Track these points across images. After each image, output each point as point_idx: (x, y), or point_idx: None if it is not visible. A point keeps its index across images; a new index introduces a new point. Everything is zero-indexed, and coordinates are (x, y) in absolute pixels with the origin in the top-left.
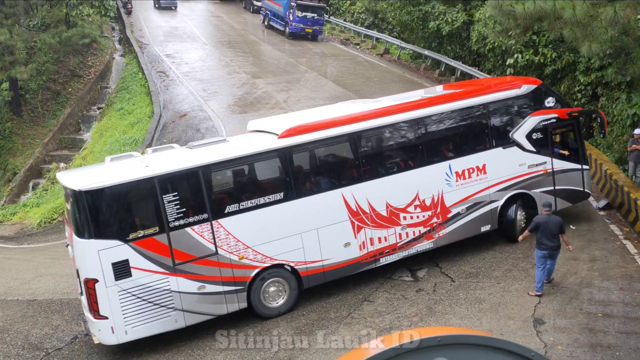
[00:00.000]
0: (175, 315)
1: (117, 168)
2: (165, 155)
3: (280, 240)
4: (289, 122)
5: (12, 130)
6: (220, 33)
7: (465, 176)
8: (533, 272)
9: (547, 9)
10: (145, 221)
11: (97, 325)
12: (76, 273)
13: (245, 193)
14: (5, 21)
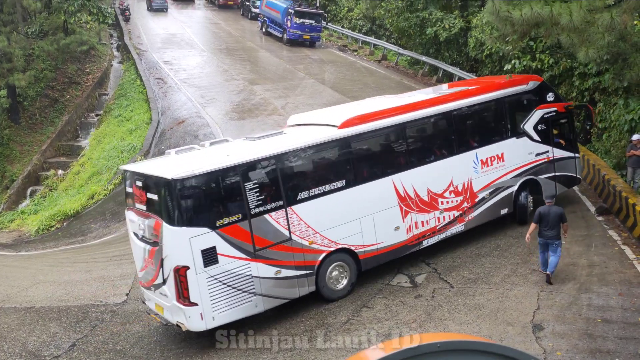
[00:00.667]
0: (256, 300)
1: (198, 157)
2: (231, 146)
3: (343, 226)
4: (343, 114)
5: (10, 137)
6: (218, 40)
7: (489, 164)
8: (532, 278)
9: (544, 15)
10: (230, 208)
11: (187, 312)
12: (145, 263)
13: (313, 181)
14: (3, 28)
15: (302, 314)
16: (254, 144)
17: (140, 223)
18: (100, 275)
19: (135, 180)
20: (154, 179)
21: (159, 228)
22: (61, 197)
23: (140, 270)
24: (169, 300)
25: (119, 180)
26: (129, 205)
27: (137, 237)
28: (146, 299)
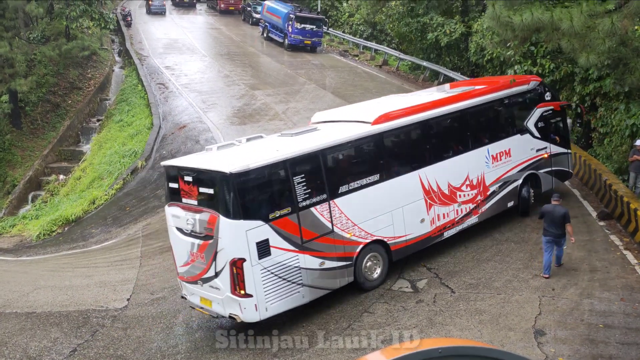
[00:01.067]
0: (303, 291)
1: (245, 152)
2: (271, 141)
3: (377, 218)
4: (373, 110)
5: (11, 142)
6: (220, 45)
7: (498, 159)
8: (534, 283)
9: (544, 21)
10: (280, 202)
11: (243, 304)
12: (192, 257)
13: (351, 175)
14: (5, 34)
15: (304, 319)
16: (293, 139)
17: (188, 218)
18: (101, 280)
19: (183, 175)
20: (208, 173)
21: (214, 222)
22: (62, 202)
23: (183, 266)
24: (221, 293)
25: (120, 185)
26: (172, 201)
27: (181, 233)
28: (188, 293)
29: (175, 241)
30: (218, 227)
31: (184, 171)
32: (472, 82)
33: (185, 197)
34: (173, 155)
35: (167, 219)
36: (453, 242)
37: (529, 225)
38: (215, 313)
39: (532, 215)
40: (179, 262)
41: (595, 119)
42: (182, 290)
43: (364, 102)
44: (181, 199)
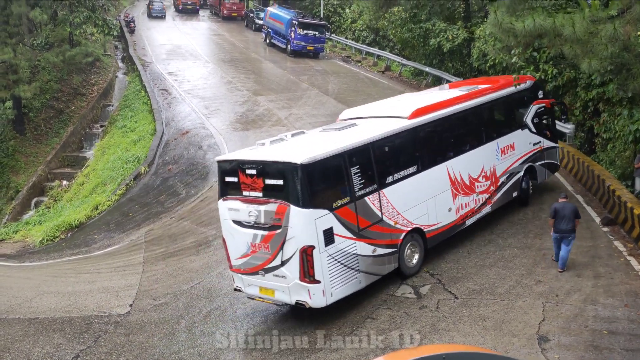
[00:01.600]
0: (360, 277)
1: (304, 144)
2: (319, 136)
3: (416, 207)
4: (408, 106)
5: (15, 148)
6: (222, 51)
7: (505, 152)
8: (537, 289)
9: (546, 27)
10: (341, 191)
11: (312, 290)
12: (253, 249)
13: (394, 166)
14: (9, 40)
15: (307, 325)
16: (338, 133)
17: (250, 210)
18: (104, 286)
19: (245, 168)
20: (277, 164)
21: (283, 212)
22: (65, 207)
23: (241, 258)
24: (287, 281)
25: (123, 191)
26: (228, 195)
27: (240, 225)
28: (244, 285)
29: (231, 234)
30: (288, 216)
31: (247, 164)
32: (472, 82)
33: (247, 189)
34: (176, 161)
35: (222, 213)
36: (456, 248)
37: (531, 232)
38: (279, 301)
39: (532, 205)
40: (234, 255)
41: (598, 125)
42: (235, 282)
43: (386, 100)
44: (241, 192)
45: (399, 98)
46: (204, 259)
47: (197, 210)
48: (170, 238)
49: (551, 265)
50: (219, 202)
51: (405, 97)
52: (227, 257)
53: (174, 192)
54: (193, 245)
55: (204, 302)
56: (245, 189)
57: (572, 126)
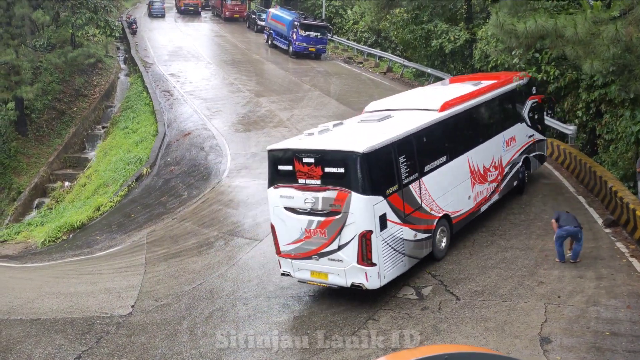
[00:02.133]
0: (404, 260)
1: (356, 134)
2: (363, 126)
3: (445, 195)
4: (437, 99)
5: (17, 149)
6: (224, 52)
7: (509, 144)
8: (539, 290)
9: (548, 28)
10: (391, 179)
11: (370, 272)
12: (307, 234)
13: (429, 156)
14: (11, 41)
15: (308, 326)
16: (379, 124)
17: (307, 197)
18: (105, 287)
19: (301, 157)
20: (337, 153)
21: (344, 198)
22: (67, 209)
23: (292, 243)
24: (344, 265)
25: (125, 192)
26: (279, 183)
27: (293, 212)
28: (294, 269)
29: (282, 221)
30: (349, 203)
31: (304, 153)
32: (473, 77)
33: (303, 177)
34: (178, 162)
35: (272, 200)
36: (458, 249)
37: (534, 233)
38: (333, 284)
39: (534, 206)
40: (285, 241)
41: (600, 126)
42: (282, 268)
43: (406, 94)
44: (296, 180)
45: (418, 91)
46: (206, 260)
47: (199, 211)
48: (172, 239)
49: (553, 267)
50: (268, 190)
51: (422, 91)
52: (276, 242)
53: (175, 193)
54: (195, 246)
55: (206, 303)
56: (302, 177)
57: (574, 127)
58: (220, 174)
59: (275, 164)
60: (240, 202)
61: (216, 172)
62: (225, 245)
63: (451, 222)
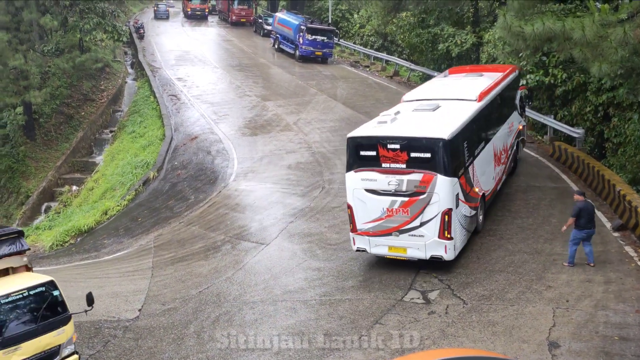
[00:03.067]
0: (466, 234)
1: (427, 121)
2: (424, 115)
3: (482, 176)
4: (472, 90)
5: (25, 153)
6: (231, 56)
7: (511, 129)
8: (547, 294)
9: (556, 30)
10: (462, 162)
11: (449, 246)
12: (389, 213)
13: (476, 142)
14: (20, 47)
15: (314, 331)
16: (435, 113)
17: (390, 180)
18: (113, 291)
19: (386, 143)
20: (424, 140)
21: (429, 180)
22: (75, 213)
23: (371, 222)
24: (425, 239)
25: (132, 196)
26: (360, 167)
27: (374, 194)
28: (370, 246)
29: (362, 201)
30: (435, 184)
31: (388, 140)
32: (472, 69)
33: (387, 162)
34: (185, 166)
35: (352, 183)
36: (465, 253)
37: (541, 237)
38: (412, 257)
39: (541, 209)
40: (363, 220)
41: (608, 129)
42: (357, 245)
43: (429, 85)
44: (380, 164)
45: (441, 82)
46: (213, 263)
47: (205, 215)
48: (179, 243)
49: (561, 271)
50: (348, 174)
51: (444, 82)
52: (353, 221)
53: (182, 197)
54: (202, 250)
55: (213, 307)
56: (386, 161)
57: (582, 131)
58: (227, 177)
59: (357, 150)
60: (247, 206)
61: (223, 176)
62: (231, 249)
63: (484, 199)
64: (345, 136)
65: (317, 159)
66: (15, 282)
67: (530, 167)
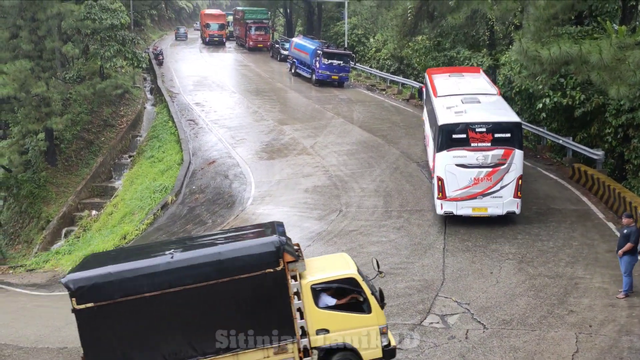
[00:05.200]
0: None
1: (490, 109)
2: (472, 104)
3: None
4: (489, 86)
5: (46, 179)
6: (248, 81)
7: None
8: (570, 319)
9: (573, 54)
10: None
11: (519, 203)
12: (474, 182)
13: None
14: (42, 74)
15: None
16: (480, 105)
17: (478, 156)
18: None
19: (474, 127)
20: (505, 124)
21: (509, 154)
22: (94, 237)
23: (459, 190)
24: (503, 200)
25: (151, 220)
26: (452, 147)
27: (463, 167)
28: (456, 209)
29: (453, 174)
30: (513, 157)
31: (476, 125)
32: (451, 70)
33: (475, 142)
34: (203, 190)
35: (444, 160)
36: (484, 276)
37: (562, 260)
38: (491, 214)
39: (561, 232)
40: (453, 188)
41: (628, 151)
42: (444, 209)
43: (445, 81)
44: (469, 143)
45: (452, 81)
46: None
47: None
48: None
49: (583, 295)
50: (442, 153)
51: (453, 80)
52: (442, 190)
53: (200, 221)
54: None
55: None
56: (474, 141)
57: (601, 152)
58: (245, 201)
59: (449, 134)
60: None
61: (240, 200)
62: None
63: None
64: (362, 159)
65: (334, 182)
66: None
67: (550, 189)
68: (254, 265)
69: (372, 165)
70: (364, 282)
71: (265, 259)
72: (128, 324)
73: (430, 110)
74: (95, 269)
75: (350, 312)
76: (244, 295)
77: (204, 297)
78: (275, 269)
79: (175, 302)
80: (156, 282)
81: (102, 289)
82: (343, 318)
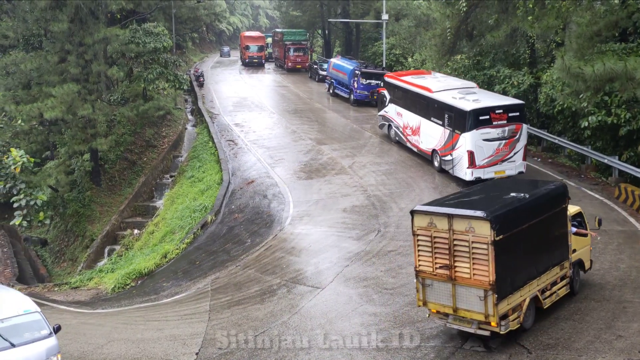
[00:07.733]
0: None
1: (493, 97)
2: (475, 95)
3: None
4: (467, 82)
5: (91, 198)
6: (287, 102)
7: None
8: (617, 344)
9: (617, 71)
10: None
11: (525, 165)
12: (496, 151)
13: None
14: (88, 97)
15: None
16: (478, 95)
17: (499, 131)
18: (171, 334)
19: (495, 109)
20: (516, 105)
21: (519, 128)
22: (136, 256)
23: (485, 159)
24: (515, 163)
25: (191, 239)
26: (480, 126)
27: (487, 141)
28: (484, 174)
29: (480, 147)
30: (522, 130)
31: (496, 108)
32: (411, 73)
33: (496, 120)
34: (241, 210)
35: (473, 136)
36: None
37: (609, 282)
38: (509, 174)
39: (608, 254)
40: (481, 158)
41: None
42: (474, 175)
43: (429, 80)
44: (491, 122)
45: (431, 80)
46: (269, 307)
47: (262, 258)
48: (236, 286)
49: (632, 319)
50: (471, 132)
51: (431, 79)
52: (473, 161)
53: (239, 240)
54: (258, 293)
55: (268, 352)
56: (495, 120)
57: None
58: (283, 221)
59: (477, 116)
60: (303, 250)
61: (279, 220)
62: (287, 293)
63: None
64: (400, 179)
65: (373, 202)
66: None
67: (595, 210)
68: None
69: (411, 185)
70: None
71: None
72: (520, 246)
73: (424, 104)
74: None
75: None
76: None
77: (551, 226)
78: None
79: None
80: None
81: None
82: (578, 240)
